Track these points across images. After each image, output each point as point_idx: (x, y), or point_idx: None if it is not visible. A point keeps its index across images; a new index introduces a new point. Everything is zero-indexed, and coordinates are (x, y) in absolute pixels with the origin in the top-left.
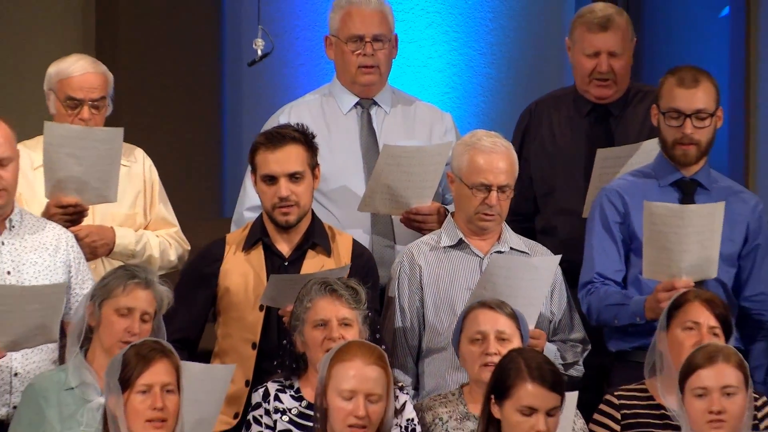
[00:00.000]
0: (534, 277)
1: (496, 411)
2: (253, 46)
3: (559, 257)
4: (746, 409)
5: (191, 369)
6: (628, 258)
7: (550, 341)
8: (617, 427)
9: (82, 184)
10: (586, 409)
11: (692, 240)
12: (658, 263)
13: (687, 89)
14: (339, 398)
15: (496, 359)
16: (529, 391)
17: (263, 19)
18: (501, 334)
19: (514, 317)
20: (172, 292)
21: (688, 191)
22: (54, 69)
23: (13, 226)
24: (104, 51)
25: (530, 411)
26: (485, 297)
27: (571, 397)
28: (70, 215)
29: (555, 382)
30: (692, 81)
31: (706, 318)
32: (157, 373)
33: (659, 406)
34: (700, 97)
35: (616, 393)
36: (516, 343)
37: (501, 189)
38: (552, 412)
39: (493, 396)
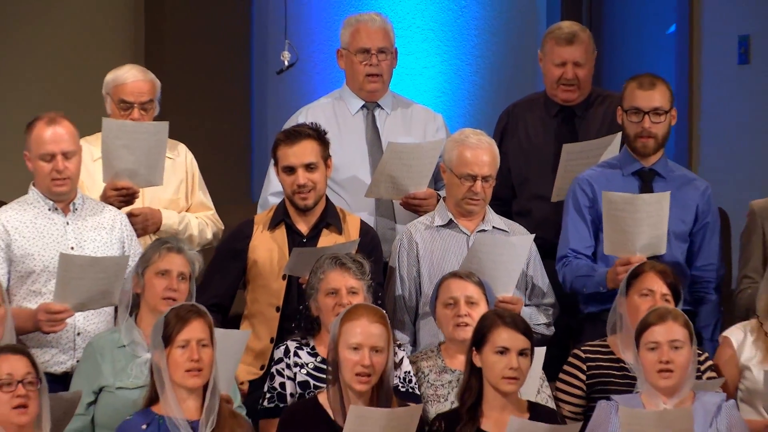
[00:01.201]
0: (512, 253)
1: (477, 360)
2: (281, 57)
3: (532, 236)
4: (691, 361)
5: (215, 333)
6: (598, 236)
7: (525, 305)
8: (583, 377)
9: (134, 170)
10: (555, 362)
11: (643, 223)
12: (616, 242)
13: (645, 91)
14: (348, 351)
15: (467, 320)
16: (503, 335)
17: (288, 33)
18: (469, 299)
19: (480, 285)
20: (201, 257)
21: (647, 179)
22: (110, 76)
23: (76, 209)
24: (152, 61)
25: (504, 350)
26: (471, 269)
27: (539, 352)
28: (123, 197)
29: (524, 328)
30: (650, 84)
31: (659, 286)
32: (194, 330)
33: (619, 360)
34: (656, 97)
35: (582, 348)
36: (482, 306)
37: (485, 179)
38: (523, 353)
39: (474, 348)
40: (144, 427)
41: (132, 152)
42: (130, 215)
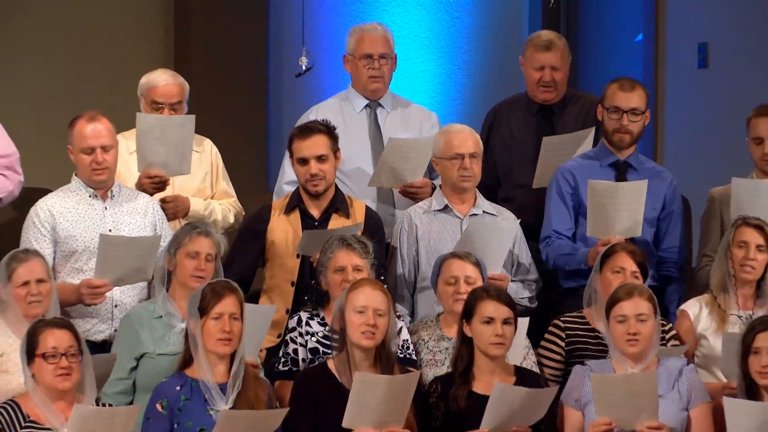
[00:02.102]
0: (500, 235)
1: (467, 330)
2: (299, 62)
3: (518, 221)
4: (655, 332)
5: (246, 308)
6: (577, 220)
7: (512, 281)
8: (562, 344)
9: (165, 160)
10: (537, 331)
11: (622, 209)
12: (598, 225)
13: (625, 93)
14: (354, 313)
15: (465, 296)
16: (489, 307)
17: (305, 40)
18: (468, 279)
19: (478, 265)
20: (225, 239)
21: (621, 170)
22: (144, 80)
23: (114, 196)
24: (181, 65)
25: (490, 320)
26: (464, 249)
27: (523, 322)
28: (155, 185)
29: (507, 300)
30: (630, 87)
31: (629, 265)
32: (227, 305)
33: (594, 330)
34: (635, 99)
35: (561, 318)
36: (479, 284)
37: (472, 156)
38: (507, 322)
39: (464, 320)
40: (178, 388)
41: (163, 144)
42: (161, 201)
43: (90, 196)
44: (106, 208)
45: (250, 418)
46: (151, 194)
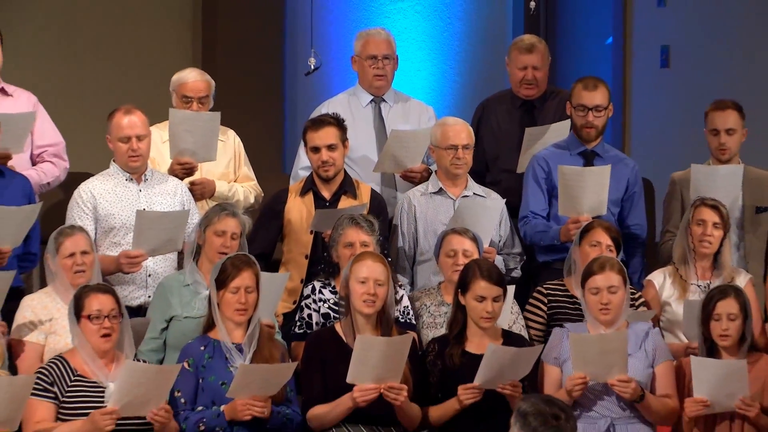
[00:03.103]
0: (487, 213)
1: (462, 299)
2: (309, 62)
3: (504, 201)
4: (624, 300)
5: (262, 276)
6: (551, 201)
7: (499, 254)
8: (545, 308)
9: (193, 149)
10: (519, 298)
11: (589, 190)
12: (568, 205)
13: (589, 92)
14: (357, 283)
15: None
16: (481, 285)
17: (314, 43)
18: (466, 252)
19: (474, 240)
20: (250, 219)
21: (589, 158)
22: (176, 77)
23: (147, 179)
24: (208, 64)
25: (482, 299)
26: (456, 226)
27: (510, 289)
28: (185, 170)
29: (498, 278)
30: (593, 87)
31: (605, 239)
32: (244, 279)
33: (573, 296)
34: (598, 97)
35: (544, 286)
36: (475, 256)
37: (464, 147)
38: (497, 299)
39: (459, 290)
40: (202, 348)
41: (192, 135)
42: (191, 184)
43: (126, 180)
44: (140, 190)
45: (264, 371)
46: (182, 178)
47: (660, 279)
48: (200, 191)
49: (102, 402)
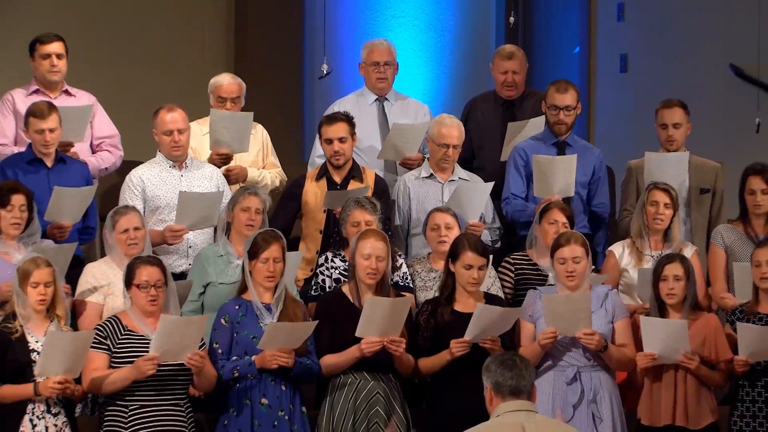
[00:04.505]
0: (480, 194)
1: (452, 267)
2: (321, 68)
3: (491, 184)
4: (587, 268)
5: None
6: (529, 185)
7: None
8: (512, 275)
9: (230, 142)
10: (496, 266)
11: (559, 175)
12: (542, 187)
13: (561, 94)
14: (361, 258)
15: (445, 239)
16: (469, 255)
17: (326, 52)
18: (448, 225)
19: (455, 216)
20: (270, 198)
21: (561, 148)
22: (213, 81)
23: (187, 166)
24: (239, 70)
25: (469, 267)
26: (453, 204)
27: (490, 258)
28: (222, 160)
29: (483, 250)
30: (564, 89)
31: (561, 218)
32: (272, 251)
33: (535, 264)
34: (568, 98)
35: (511, 256)
36: (456, 230)
37: (454, 147)
38: (481, 268)
39: (450, 259)
40: (237, 307)
41: (229, 131)
42: (227, 171)
43: (170, 167)
44: (182, 175)
45: (290, 328)
46: (219, 166)
47: (619, 250)
48: (235, 177)
49: (147, 352)
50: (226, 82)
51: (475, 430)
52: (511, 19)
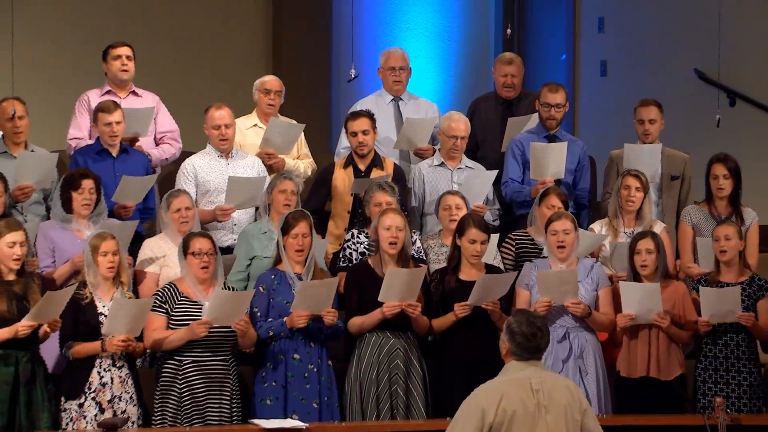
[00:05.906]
0: (486, 181)
1: (458, 241)
2: (350, 72)
3: (495, 172)
4: (575, 241)
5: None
6: (524, 172)
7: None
8: (513, 249)
9: (277, 145)
10: (500, 242)
11: (552, 160)
12: (537, 171)
13: (553, 93)
14: (383, 230)
15: (455, 218)
16: (473, 231)
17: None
18: (457, 206)
19: (463, 198)
20: (302, 183)
21: (552, 140)
22: (258, 81)
23: (233, 156)
24: (277, 70)
25: (473, 241)
26: (464, 188)
27: (494, 236)
28: (268, 156)
29: (485, 228)
30: (555, 89)
31: (557, 202)
32: (301, 228)
33: (533, 240)
34: (558, 97)
35: (512, 234)
36: (464, 210)
37: (462, 138)
38: (483, 243)
39: (457, 234)
40: (272, 277)
41: (281, 136)
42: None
43: (218, 156)
44: (228, 164)
45: (318, 284)
46: (264, 162)
47: (599, 227)
48: (276, 166)
49: (200, 316)
50: (269, 78)
51: (489, 384)
52: (508, 30)
